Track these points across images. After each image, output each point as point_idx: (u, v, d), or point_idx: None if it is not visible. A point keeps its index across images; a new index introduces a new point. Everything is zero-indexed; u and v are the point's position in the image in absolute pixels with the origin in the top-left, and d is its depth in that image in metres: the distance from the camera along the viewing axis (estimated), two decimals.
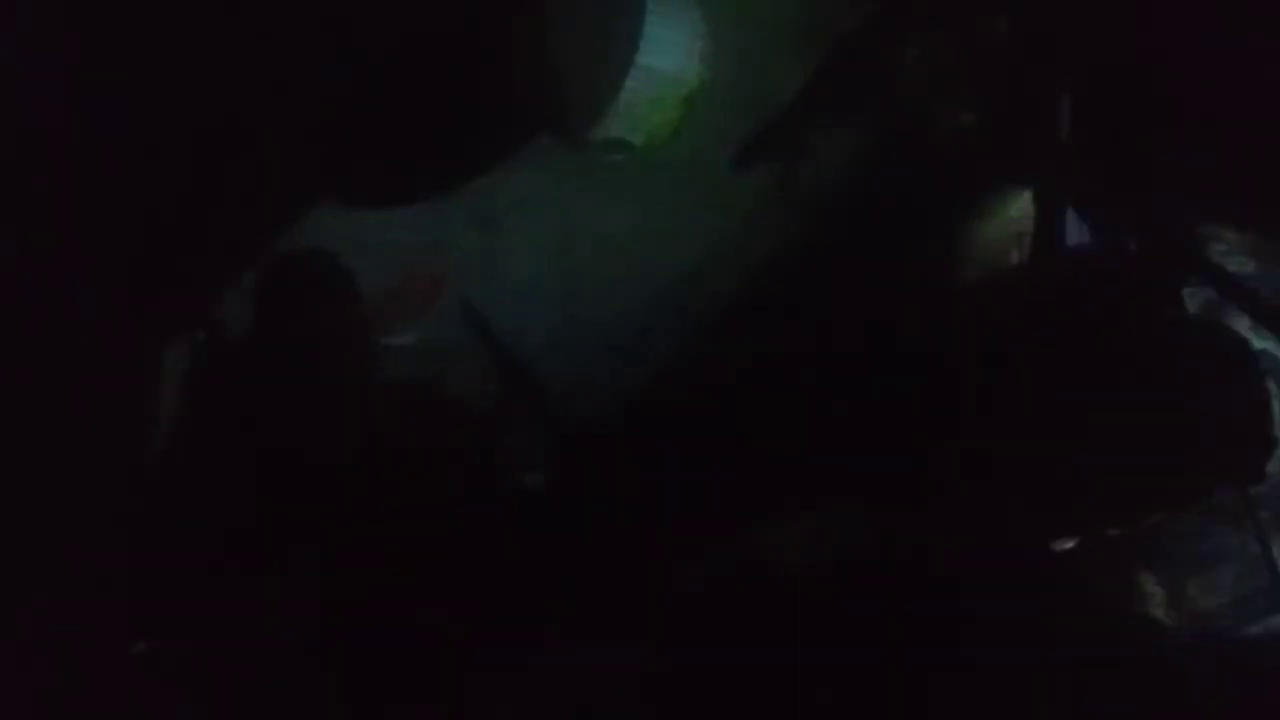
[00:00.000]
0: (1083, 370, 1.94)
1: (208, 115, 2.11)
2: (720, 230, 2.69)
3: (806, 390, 2.37)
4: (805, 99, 2.49)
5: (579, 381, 2.69)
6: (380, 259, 2.44)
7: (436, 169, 2.38)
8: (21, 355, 2.05)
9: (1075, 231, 2.13)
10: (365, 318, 2.27)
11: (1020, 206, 2.21)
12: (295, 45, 2.13)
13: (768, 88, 2.48)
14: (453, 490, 2.33)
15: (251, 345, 2.21)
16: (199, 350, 2.28)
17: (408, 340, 2.52)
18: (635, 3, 2.14)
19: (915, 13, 2.38)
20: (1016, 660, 1.66)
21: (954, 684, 1.66)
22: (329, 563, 2.10)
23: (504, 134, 2.34)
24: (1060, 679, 1.64)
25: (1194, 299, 2.09)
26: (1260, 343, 1.98)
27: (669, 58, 2.16)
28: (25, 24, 1.96)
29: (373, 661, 2.09)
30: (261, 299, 2.21)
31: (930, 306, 2.19)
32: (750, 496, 2.06)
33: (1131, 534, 1.87)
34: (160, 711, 2.00)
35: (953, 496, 1.88)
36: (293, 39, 2.12)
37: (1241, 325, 2.02)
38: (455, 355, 2.57)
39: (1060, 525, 1.88)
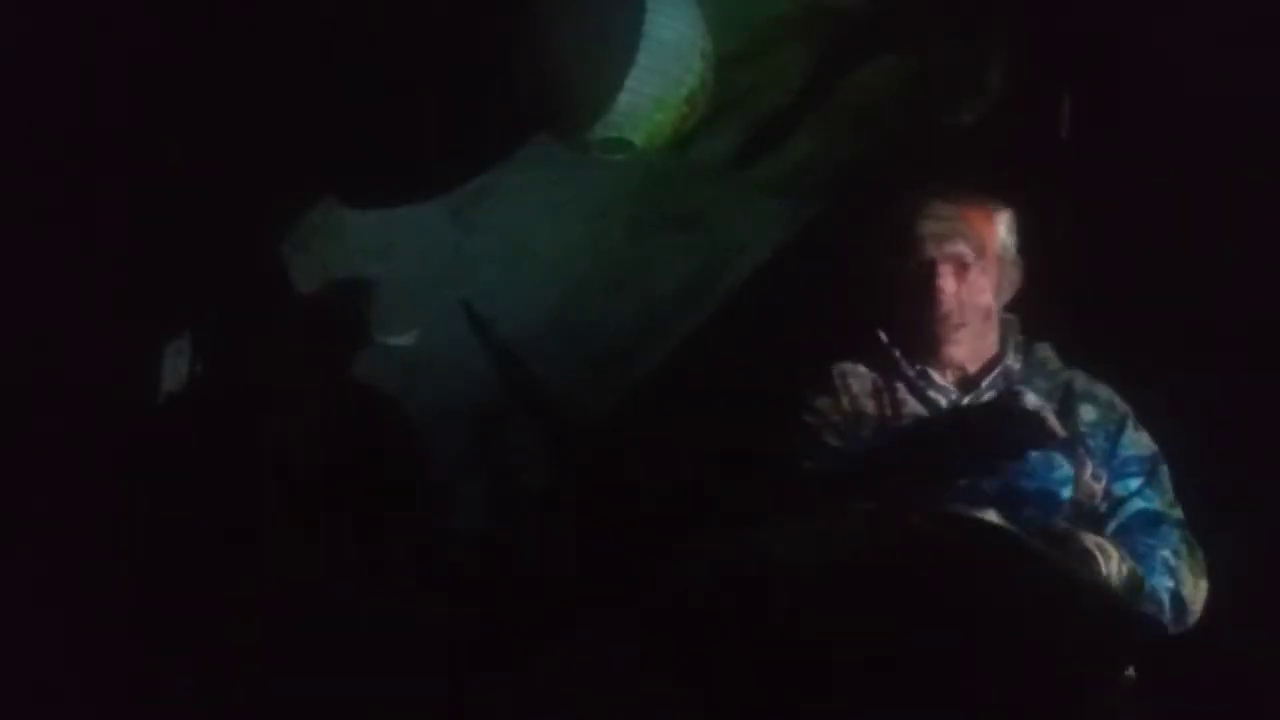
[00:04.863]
0: None
1: (206, 114, 2.12)
2: (720, 230, 2.70)
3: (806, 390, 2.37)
4: (805, 98, 2.49)
5: (579, 381, 2.70)
6: (378, 258, 2.46)
7: (436, 169, 2.39)
8: (20, 354, 2.06)
9: None
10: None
11: None
12: (294, 44, 2.14)
13: (768, 87, 2.48)
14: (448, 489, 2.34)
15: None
16: (195, 349, 2.30)
17: (408, 341, 2.52)
18: (635, 3, 2.14)
19: (915, 12, 2.38)
20: (1015, 659, 1.65)
21: (953, 683, 1.66)
22: (326, 564, 2.11)
23: (504, 134, 2.34)
24: (1060, 677, 1.64)
25: None
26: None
27: (669, 57, 2.16)
28: (28, 22, 1.97)
29: (371, 663, 2.10)
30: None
31: None
32: (748, 497, 2.05)
33: None
34: (160, 711, 2.01)
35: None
36: (292, 38, 2.13)
37: None
38: (455, 355, 2.58)
39: None
